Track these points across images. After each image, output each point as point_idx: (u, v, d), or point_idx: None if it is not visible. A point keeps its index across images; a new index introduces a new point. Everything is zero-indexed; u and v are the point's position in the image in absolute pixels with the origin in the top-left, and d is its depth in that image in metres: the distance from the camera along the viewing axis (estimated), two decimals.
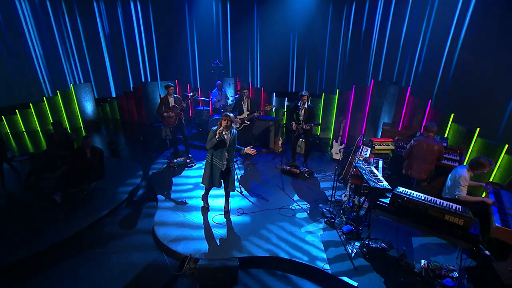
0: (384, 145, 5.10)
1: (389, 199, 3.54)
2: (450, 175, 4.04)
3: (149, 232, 4.16)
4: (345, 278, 3.35)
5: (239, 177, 5.63)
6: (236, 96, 7.81)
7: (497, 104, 4.96)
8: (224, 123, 3.90)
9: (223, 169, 4.13)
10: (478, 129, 4.93)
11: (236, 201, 4.83)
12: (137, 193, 5.30)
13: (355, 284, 3.28)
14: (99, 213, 4.48)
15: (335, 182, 4.83)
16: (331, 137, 8.12)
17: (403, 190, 3.52)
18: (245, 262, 3.61)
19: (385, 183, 3.66)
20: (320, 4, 8.60)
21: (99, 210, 4.56)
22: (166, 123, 5.98)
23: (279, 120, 7.08)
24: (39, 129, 8.48)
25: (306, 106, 5.74)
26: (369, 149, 4.89)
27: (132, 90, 8.99)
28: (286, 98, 8.87)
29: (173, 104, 5.98)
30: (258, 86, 9.88)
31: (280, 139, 6.72)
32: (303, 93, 5.67)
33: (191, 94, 5.95)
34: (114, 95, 10.26)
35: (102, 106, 9.62)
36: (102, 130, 8.65)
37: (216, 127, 3.95)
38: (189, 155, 6.33)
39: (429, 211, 3.20)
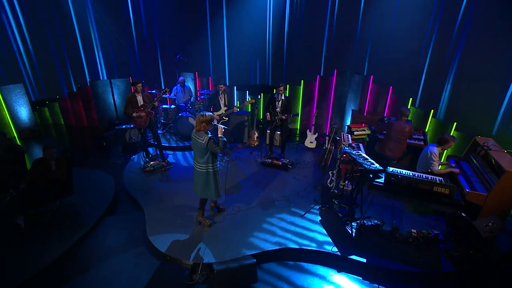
0: (361, 131, 5.59)
1: (382, 179, 3.96)
2: (422, 152, 4.66)
3: (145, 244, 3.90)
4: (354, 257, 3.66)
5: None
6: (207, 92, 7.61)
7: (446, 87, 5.82)
8: (209, 126, 3.69)
9: None
10: (432, 110, 5.75)
11: (229, 199, 4.80)
12: (116, 204, 4.88)
13: (364, 260, 3.61)
14: (78, 233, 4.00)
15: (324, 171, 5.14)
16: (298, 127, 8.50)
17: (393, 170, 3.95)
18: (256, 258, 3.65)
19: (377, 165, 4.05)
20: None
21: (76, 229, 4.08)
22: (136, 124, 5.56)
23: (254, 114, 7.13)
24: None
25: (283, 97, 5.91)
26: (349, 135, 5.31)
27: (77, 90, 8.03)
28: (247, 92, 8.96)
29: (142, 102, 5.57)
30: (212, 80, 9.71)
31: (256, 132, 6.81)
32: (280, 84, 5.82)
33: (162, 91, 5.60)
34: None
35: (40, 110, 8.38)
36: (43, 139, 7.58)
37: (209, 137, 3.63)
38: (164, 158, 6.01)
39: (419, 185, 3.67)
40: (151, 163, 5.69)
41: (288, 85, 8.22)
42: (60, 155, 5.98)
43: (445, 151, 5.12)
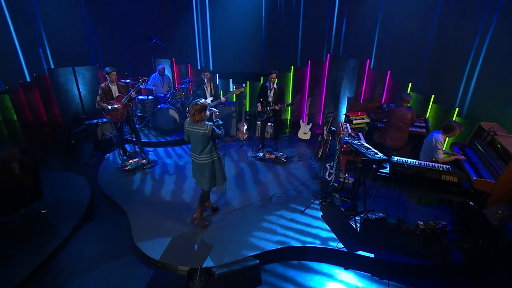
0: (360, 119, 5.76)
1: (387, 169, 4.13)
2: (426, 140, 4.88)
3: (133, 251, 3.87)
4: (361, 252, 3.81)
5: None
6: (188, 81, 7.48)
7: (450, 71, 6.08)
8: (205, 113, 3.77)
9: None
10: (433, 96, 6.02)
11: (222, 198, 4.83)
12: (94, 209, 4.78)
13: (372, 255, 3.77)
14: (51, 244, 3.87)
15: (322, 163, 5.27)
16: (289, 118, 8.60)
17: (398, 159, 4.13)
18: (258, 259, 3.70)
19: (381, 154, 4.21)
20: None
21: (49, 240, 3.95)
22: (112, 118, 5.42)
23: (242, 104, 7.15)
24: None
25: (275, 86, 5.96)
26: (348, 124, 5.46)
27: (34, 80, 7.64)
28: (231, 80, 8.93)
29: (117, 93, 5.43)
30: (199, 68, 9.60)
31: (245, 124, 6.84)
32: (272, 71, 5.85)
33: (141, 80, 5.48)
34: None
35: None
36: None
37: (210, 125, 3.73)
38: (144, 155, 5.93)
39: (427, 174, 3.87)
40: (130, 161, 5.60)
41: (277, 72, 8.26)
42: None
43: (448, 138, 5.38)
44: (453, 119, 5.61)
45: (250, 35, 9.13)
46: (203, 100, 3.80)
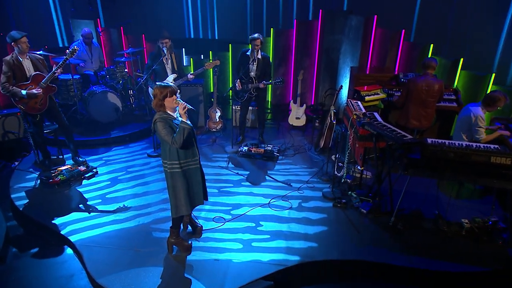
0: (373, 95, 6.11)
1: (418, 155, 4.48)
2: (460, 116, 5.32)
3: None
4: (399, 262, 4.09)
5: None
6: (132, 52, 7.35)
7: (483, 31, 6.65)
8: (171, 100, 3.53)
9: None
10: (462, 59, 6.54)
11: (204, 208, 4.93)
12: (15, 244, 4.66)
13: (413, 265, 4.08)
14: None
15: (328, 155, 5.54)
16: (269, 99, 8.80)
17: (433, 141, 4.50)
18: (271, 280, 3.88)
19: (409, 136, 4.54)
20: None
21: None
22: (28, 108, 5.18)
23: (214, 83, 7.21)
24: None
25: (259, 56, 6.10)
26: (359, 102, 5.77)
27: None
28: (184, 49, 8.96)
29: (33, 71, 5.22)
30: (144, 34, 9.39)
31: (217, 110, 6.92)
32: (255, 35, 5.96)
33: (70, 50, 5.32)
34: None
35: None
36: None
37: (161, 116, 3.55)
38: (81, 158, 5.84)
39: (472, 157, 4.24)
40: (61, 169, 5.49)
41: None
42: None
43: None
44: (490, 88, 6.14)
45: None
46: (169, 84, 3.59)
